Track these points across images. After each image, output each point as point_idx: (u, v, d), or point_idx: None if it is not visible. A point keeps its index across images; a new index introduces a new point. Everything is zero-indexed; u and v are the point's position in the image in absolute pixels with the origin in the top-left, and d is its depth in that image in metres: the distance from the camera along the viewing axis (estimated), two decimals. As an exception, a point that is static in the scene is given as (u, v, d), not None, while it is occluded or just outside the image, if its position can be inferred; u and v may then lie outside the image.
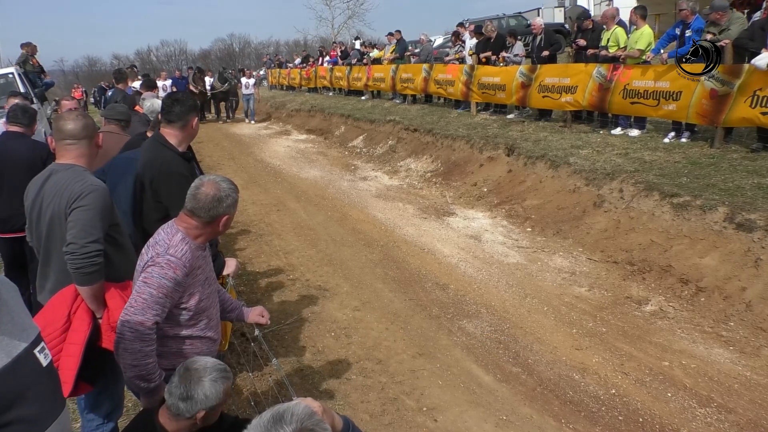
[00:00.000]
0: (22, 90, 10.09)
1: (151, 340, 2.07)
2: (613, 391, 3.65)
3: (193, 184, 2.22)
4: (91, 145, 2.69)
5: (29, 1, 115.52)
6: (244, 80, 19.04)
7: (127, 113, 4.66)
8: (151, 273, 2.07)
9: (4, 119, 4.39)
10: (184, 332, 2.22)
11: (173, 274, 2.07)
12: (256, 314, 2.68)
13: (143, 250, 2.21)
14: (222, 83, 18.86)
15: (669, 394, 3.58)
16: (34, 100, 10.46)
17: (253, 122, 19.06)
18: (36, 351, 1.54)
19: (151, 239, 2.22)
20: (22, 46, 12.33)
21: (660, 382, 3.70)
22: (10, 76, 10.40)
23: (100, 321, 2.51)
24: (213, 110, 20.28)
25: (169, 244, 2.12)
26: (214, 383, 1.91)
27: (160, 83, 16.20)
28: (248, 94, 19.07)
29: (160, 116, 3.10)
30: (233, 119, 19.92)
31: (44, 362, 1.56)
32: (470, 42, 12.29)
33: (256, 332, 2.75)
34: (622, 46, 8.33)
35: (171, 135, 2.93)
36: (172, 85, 18.20)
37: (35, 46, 12.57)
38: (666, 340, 4.18)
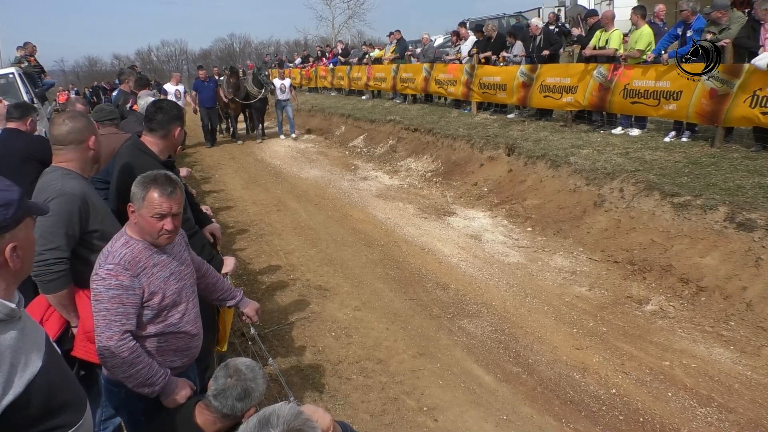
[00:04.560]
0: (23, 90, 10.12)
1: (128, 350, 2.04)
2: (614, 391, 3.65)
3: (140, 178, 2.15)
4: (79, 149, 2.59)
5: (29, 1, 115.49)
6: (277, 82, 14.00)
7: (114, 111, 4.69)
8: (97, 288, 2.05)
9: None
10: (153, 329, 2.17)
11: (117, 281, 2.03)
12: (252, 309, 2.70)
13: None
14: (258, 88, 14.08)
15: (669, 394, 3.58)
16: (35, 100, 10.48)
17: (294, 136, 14.65)
18: (53, 342, 1.65)
19: None
20: (18, 48, 12.43)
21: (660, 382, 3.70)
22: (11, 76, 10.41)
23: (75, 330, 2.46)
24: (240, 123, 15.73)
25: (109, 252, 2.10)
26: (264, 379, 1.97)
27: (171, 88, 12.95)
28: (284, 101, 14.20)
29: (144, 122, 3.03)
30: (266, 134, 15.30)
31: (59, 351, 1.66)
32: (466, 42, 12.28)
33: (252, 331, 2.75)
34: (614, 48, 8.34)
35: (152, 143, 2.89)
36: (192, 90, 13.93)
37: (34, 46, 12.64)
38: (666, 340, 4.18)
